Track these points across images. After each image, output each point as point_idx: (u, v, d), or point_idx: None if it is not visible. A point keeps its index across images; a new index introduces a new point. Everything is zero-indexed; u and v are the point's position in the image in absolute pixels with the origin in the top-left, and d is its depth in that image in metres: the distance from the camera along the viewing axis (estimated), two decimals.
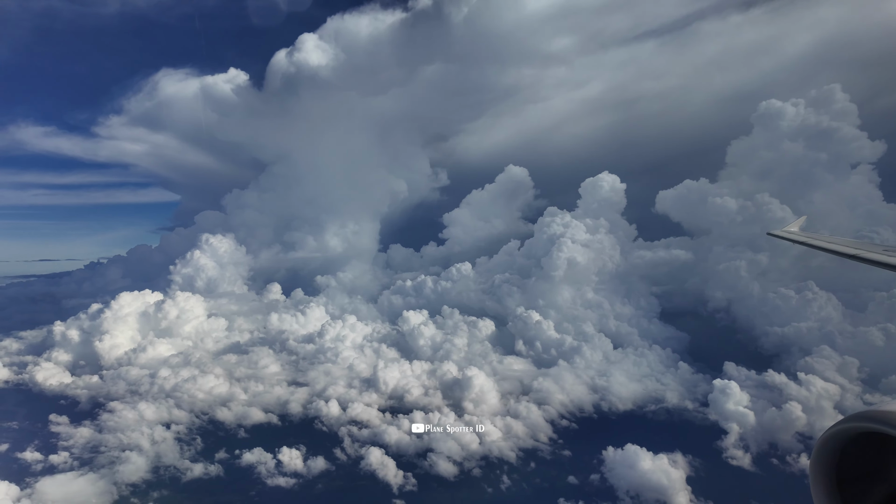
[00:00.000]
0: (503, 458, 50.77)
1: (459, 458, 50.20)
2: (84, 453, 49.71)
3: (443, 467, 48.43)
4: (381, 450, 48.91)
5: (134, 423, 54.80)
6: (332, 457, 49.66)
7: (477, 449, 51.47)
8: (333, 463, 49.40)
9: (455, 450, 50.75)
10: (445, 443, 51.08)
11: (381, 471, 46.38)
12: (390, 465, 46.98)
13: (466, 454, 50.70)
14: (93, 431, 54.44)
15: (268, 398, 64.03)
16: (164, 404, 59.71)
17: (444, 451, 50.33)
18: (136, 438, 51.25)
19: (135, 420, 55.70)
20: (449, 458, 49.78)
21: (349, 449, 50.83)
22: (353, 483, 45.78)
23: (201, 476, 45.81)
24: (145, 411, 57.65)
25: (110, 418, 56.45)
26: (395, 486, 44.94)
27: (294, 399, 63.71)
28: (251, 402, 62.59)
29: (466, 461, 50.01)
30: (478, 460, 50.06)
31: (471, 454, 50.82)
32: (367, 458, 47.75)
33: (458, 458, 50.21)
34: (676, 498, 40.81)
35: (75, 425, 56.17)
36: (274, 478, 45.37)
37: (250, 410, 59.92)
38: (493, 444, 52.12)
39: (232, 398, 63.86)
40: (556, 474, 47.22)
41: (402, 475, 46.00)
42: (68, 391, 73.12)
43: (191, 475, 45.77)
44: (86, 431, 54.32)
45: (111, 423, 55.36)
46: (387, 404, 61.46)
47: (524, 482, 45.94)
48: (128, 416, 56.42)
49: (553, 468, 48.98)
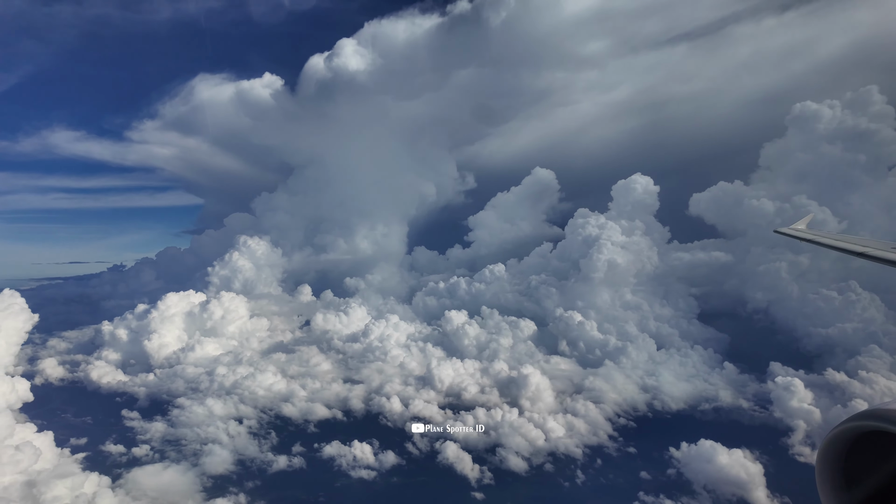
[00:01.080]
0: (569, 454, 51.65)
1: (527, 453, 51.17)
2: (164, 446, 51.30)
3: (513, 462, 49.45)
4: (457, 444, 49.99)
5: (205, 419, 56.33)
6: (404, 451, 50.82)
7: (543, 445, 52.40)
8: (404, 457, 50.56)
9: (523, 446, 51.74)
10: (513, 438, 52.09)
11: (458, 464, 47.53)
12: (466, 458, 48.12)
13: (534, 450, 51.65)
14: (166, 426, 56.08)
15: (327, 395, 65.38)
16: (229, 400, 61.20)
17: (512, 447, 51.33)
18: (213, 433, 52.78)
19: (205, 415, 57.24)
20: (517, 454, 50.78)
21: (419, 444, 51.98)
22: (430, 476, 46.91)
23: (285, 468, 47.29)
24: (213, 407, 59.19)
25: (181, 414, 58.04)
26: (472, 480, 46.04)
27: (353, 396, 65.00)
28: (311, 399, 63.95)
29: (534, 457, 50.97)
30: (545, 456, 50.98)
31: (538, 450, 51.76)
32: (444, 452, 48.90)
33: (525, 453, 51.20)
34: (755, 493, 41.50)
35: (147, 420, 57.83)
36: (356, 470, 46.65)
37: (314, 406, 61.29)
38: (559, 440, 53.02)
39: (292, 395, 65.21)
40: (628, 470, 48.03)
41: (479, 469, 47.04)
42: (126, 388, 75.04)
43: (276, 467, 47.25)
44: (160, 426, 55.98)
45: (182, 418, 56.93)
46: (445, 401, 62.56)
47: (600, 477, 46.82)
48: (198, 412, 57.96)
49: (621, 464, 49.78)
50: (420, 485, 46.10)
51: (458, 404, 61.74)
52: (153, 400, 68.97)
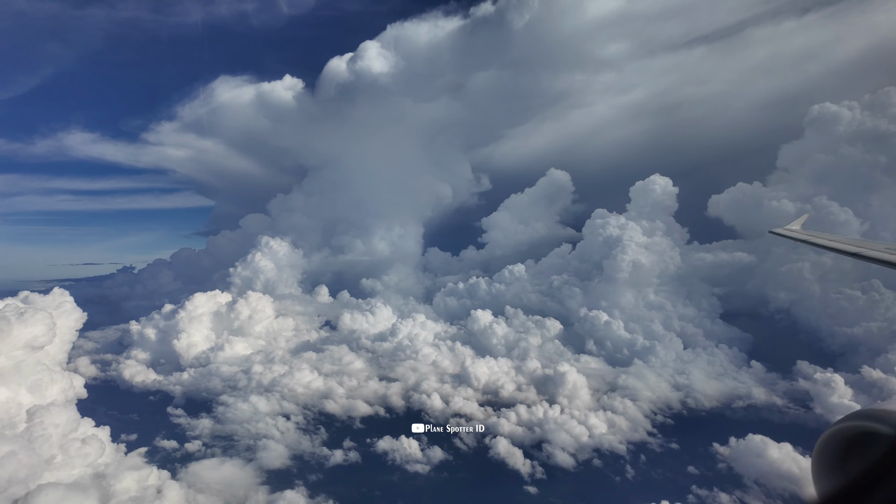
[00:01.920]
0: (614, 450, 52.44)
1: (573, 449, 51.98)
2: (215, 442, 52.08)
3: (560, 458, 50.24)
4: (508, 440, 50.84)
5: (252, 415, 57.14)
6: (451, 447, 51.63)
7: (587, 441, 53.20)
8: (450, 452, 51.34)
9: (568, 442, 52.55)
10: (558, 435, 52.90)
11: (509, 459, 48.33)
12: (518, 454, 48.93)
13: (579, 446, 52.45)
14: (213, 422, 56.85)
15: (365, 392, 66.19)
16: (272, 398, 62.00)
17: (558, 443, 52.14)
18: (263, 429, 53.61)
19: (251, 412, 58.05)
20: (563, 450, 51.59)
21: (466, 439, 52.79)
22: (482, 471, 47.72)
23: (342, 463, 48.08)
24: (258, 404, 59.98)
25: (226, 411, 58.83)
26: (524, 474, 46.83)
27: (391, 393, 65.82)
28: (351, 396, 64.75)
29: (579, 453, 51.76)
30: (590, 452, 51.78)
31: (582, 446, 52.56)
32: (495, 447, 49.72)
33: (571, 449, 52.01)
34: (808, 487, 42.21)
35: (193, 417, 58.59)
36: (411, 465, 47.46)
37: (355, 403, 62.10)
38: (603, 437, 53.82)
39: (330, 392, 66.03)
40: (674, 465, 48.84)
41: (530, 464, 47.85)
42: (160, 387, 75.90)
43: (333, 461, 48.04)
44: (207, 422, 56.76)
45: (229, 414, 57.72)
46: (483, 399, 63.36)
47: (650, 471, 47.63)
48: (243, 409, 58.75)
49: (667, 460, 50.58)
50: (473, 479, 46.89)
51: (497, 402, 62.58)
52: (189, 398, 69.79)
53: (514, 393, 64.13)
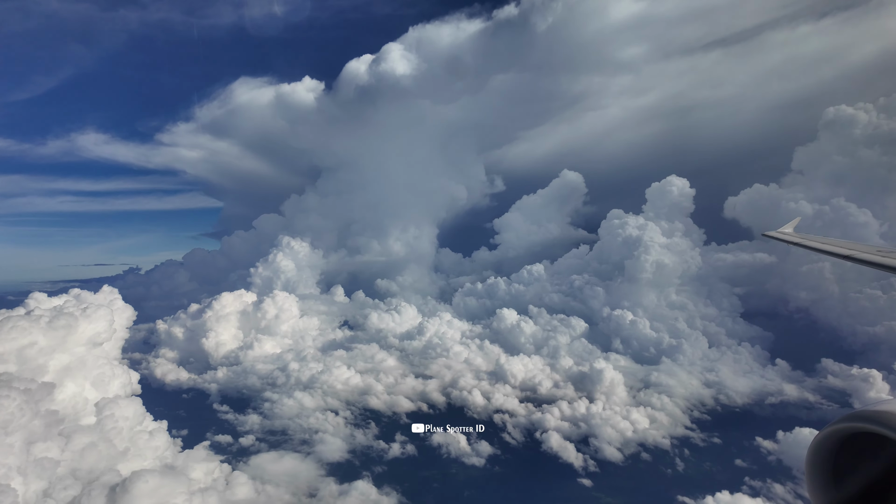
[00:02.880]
0: (658, 445, 53.58)
1: (618, 444, 53.10)
2: (267, 436, 52.90)
3: (608, 452, 51.32)
4: (559, 434, 51.91)
5: (300, 410, 57.98)
6: (500, 441, 52.66)
7: (632, 436, 54.33)
8: (497, 446, 52.35)
9: (614, 436, 53.66)
10: (603, 430, 54.01)
11: (562, 453, 49.40)
12: (570, 448, 50.00)
13: (624, 440, 53.57)
14: (261, 418, 57.66)
15: (404, 389, 67.09)
16: (315, 394, 62.83)
17: (604, 438, 53.24)
18: (314, 423, 54.47)
19: (297, 407, 58.88)
20: (609, 444, 52.69)
21: (514, 433, 53.85)
22: (536, 464, 48.73)
23: (399, 456, 49.00)
24: (303, 400, 60.82)
25: (272, 407, 59.65)
26: (577, 468, 47.91)
27: (429, 390, 66.74)
28: (391, 392, 65.65)
29: (625, 447, 52.88)
30: (636, 446, 52.91)
31: (627, 441, 53.68)
32: (547, 441, 50.79)
33: (616, 444, 53.12)
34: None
35: (240, 413, 59.36)
36: (468, 458, 48.46)
37: (397, 399, 63.02)
38: (646, 431, 54.98)
39: (370, 389, 66.92)
40: (722, 458, 50.03)
41: (582, 457, 48.93)
42: (195, 384, 76.56)
43: (392, 454, 48.97)
44: (255, 418, 57.57)
45: (276, 410, 58.55)
46: (522, 395, 64.36)
47: (701, 464, 48.79)
48: (289, 404, 59.59)
49: (712, 453, 51.76)
50: (528, 472, 47.92)
51: (536, 398, 63.62)
52: (226, 395, 70.52)
53: (553, 390, 65.16)
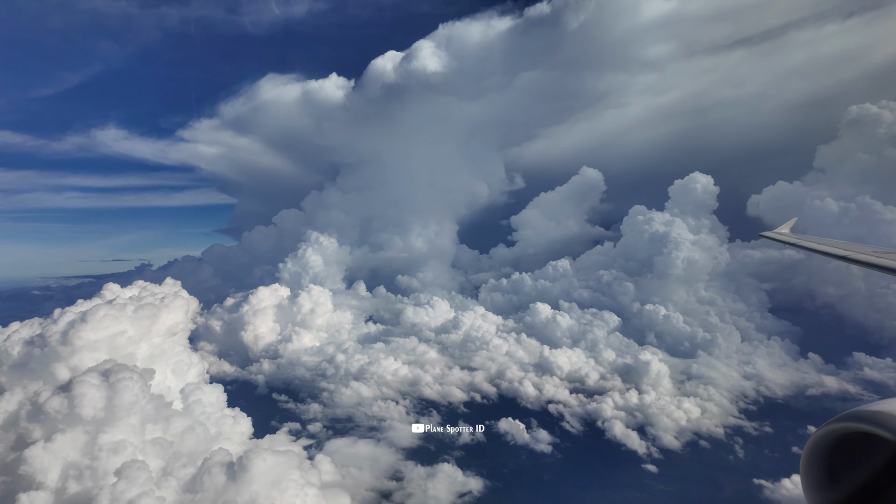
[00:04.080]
0: (711, 433, 55.18)
1: (674, 433, 54.68)
2: (334, 424, 54.32)
3: (667, 440, 52.90)
4: (621, 422, 53.51)
5: (360, 399, 59.41)
6: (561, 430, 54.21)
7: (686, 425, 55.93)
8: (559, 434, 53.91)
9: (669, 425, 55.26)
10: (660, 419, 55.61)
11: (626, 440, 50.98)
12: (633, 435, 51.59)
13: (679, 429, 55.16)
14: (322, 407, 59.08)
15: (452, 380, 68.52)
16: (369, 384, 64.25)
17: (660, 426, 54.84)
18: (378, 411, 55.94)
19: (356, 397, 60.31)
20: (665, 432, 54.29)
21: (572, 422, 55.41)
22: (601, 452, 50.34)
23: (469, 442, 50.48)
24: (360, 390, 62.24)
25: (331, 396, 61.08)
26: (641, 455, 49.50)
27: (477, 381, 68.20)
28: (441, 383, 67.09)
29: (680, 436, 54.47)
30: (691, 435, 54.50)
31: (682, 429, 55.28)
32: (611, 430, 52.38)
33: (672, 433, 54.70)
34: None
35: (299, 403, 60.78)
36: (535, 444, 50.00)
37: (449, 390, 64.46)
38: (700, 421, 56.59)
39: (418, 380, 68.35)
40: (779, 446, 51.61)
41: (645, 445, 50.54)
42: (240, 376, 77.97)
43: (462, 441, 50.44)
44: (317, 407, 59.00)
45: (336, 399, 59.98)
46: (571, 387, 65.86)
47: (759, 452, 50.42)
48: (347, 394, 61.02)
49: (768, 441, 53.34)
50: (595, 458, 49.49)
51: (585, 389, 65.11)
52: (273, 387, 71.96)
53: (601, 382, 66.70)
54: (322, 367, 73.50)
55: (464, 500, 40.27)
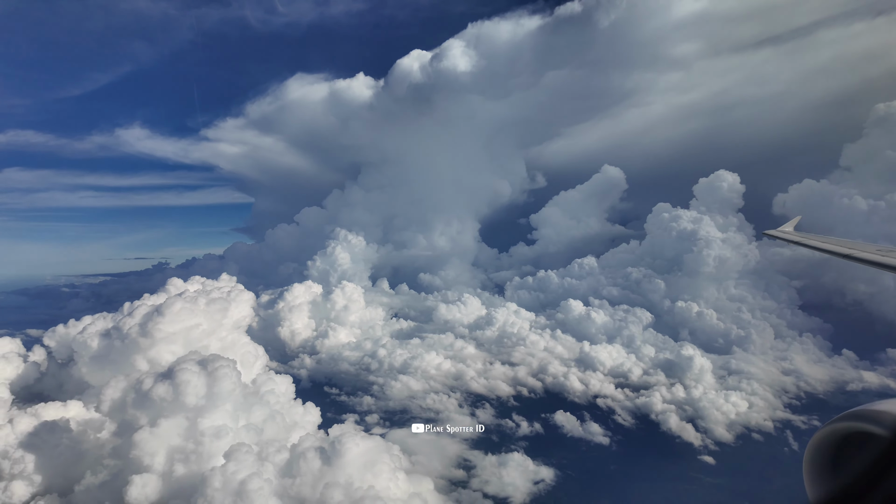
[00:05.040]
0: (761, 427, 55.99)
1: (724, 426, 55.54)
2: (389, 416, 55.61)
3: (718, 433, 53.80)
4: (676, 415, 54.47)
5: (409, 392, 60.66)
6: (614, 423, 55.24)
7: (735, 418, 56.78)
8: (612, 427, 54.91)
9: (719, 419, 56.13)
10: (711, 412, 56.50)
11: (682, 433, 51.96)
12: (689, 428, 52.54)
13: (728, 422, 56.02)
14: (375, 400, 60.38)
15: (496, 374, 69.63)
16: (417, 378, 65.45)
17: (710, 420, 55.72)
18: (432, 403, 57.14)
19: (406, 390, 61.56)
20: (717, 425, 55.17)
21: (623, 416, 56.41)
22: (654, 443, 51.32)
23: (528, 433, 51.66)
24: (409, 383, 63.48)
25: (381, 390, 62.37)
26: (697, 447, 50.45)
27: (521, 376, 69.25)
28: (485, 377, 68.21)
29: (730, 429, 55.32)
30: (741, 428, 55.35)
31: (732, 423, 56.13)
32: (667, 422, 53.38)
33: (721, 426, 55.57)
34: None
35: (351, 396, 62.10)
36: (593, 437, 51.08)
37: (496, 384, 65.57)
38: (748, 414, 57.41)
39: (461, 374, 69.50)
40: None
41: (700, 437, 51.47)
42: (284, 371, 79.11)
43: (521, 432, 51.61)
44: (369, 400, 60.31)
45: (387, 392, 61.26)
46: (616, 381, 66.77)
47: None
48: (397, 387, 62.29)
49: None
50: (652, 450, 50.48)
51: (630, 384, 66.00)
52: (315, 380, 73.44)
53: (644, 377, 67.58)
54: (365, 361, 74.81)
55: (538, 487, 41.48)
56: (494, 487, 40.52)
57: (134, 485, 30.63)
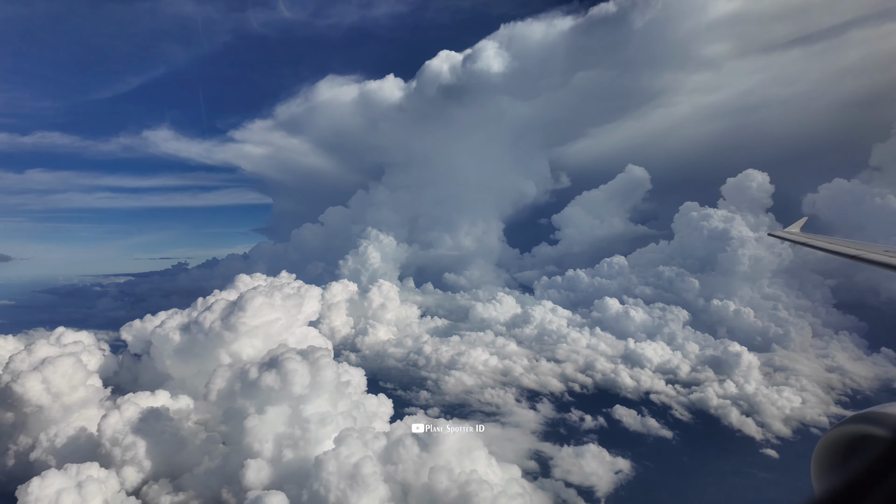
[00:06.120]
0: (816, 422, 56.67)
1: (780, 421, 56.31)
2: (451, 409, 56.90)
3: (776, 428, 54.57)
4: (737, 409, 55.38)
5: (464, 388, 61.88)
6: (672, 418, 56.18)
7: (790, 413, 57.51)
8: (670, 422, 55.81)
9: (775, 413, 56.90)
10: (767, 407, 57.29)
11: (743, 427, 52.85)
12: (749, 422, 53.40)
13: (784, 417, 56.77)
14: (431, 394, 61.66)
15: (544, 370, 70.66)
16: (469, 373, 66.65)
17: (766, 415, 56.51)
18: (489, 398, 58.36)
19: (460, 384, 62.79)
20: (773, 420, 55.95)
21: (680, 410, 57.33)
22: (715, 438, 52.24)
23: (593, 427, 52.71)
24: (461, 378, 64.71)
25: (435, 384, 63.64)
26: (758, 440, 51.32)
27: (568, 372, 70.25)
28: (535, 373, 69.29)
29: (786, 423, 56.08)
30: (797, 423, 56.08)
31: (787, 418, 56.88)
32: (727, 416, 54.28)
33: (777, 421, 56.33)
34: None
35: (407, 391, 63.44)
36: (655, 431, 52.06)
37: (546, 380, 66.63)
38: (803, 410, 58.14)
39: (509, 370, 70.58)
40: None
41: (762, 431, 52.31)
42: None
43: (585, 426, 52.71)
44: (425, 394, 61.60)
45: (442, 387, 62.51)
46: (665, 378, 67.61)
47: None
48: (451, 382, 63.53)
49: None
50: (714, 444, 51.39)
51: (679, 380, 66.82)
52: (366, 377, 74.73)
53: (693, 373, 68.40)
54: (411, 358, 76.09)
55: (618, 477, 42.55)
56: (576, 477, 41.60)
57: (250, 469, 32.00)
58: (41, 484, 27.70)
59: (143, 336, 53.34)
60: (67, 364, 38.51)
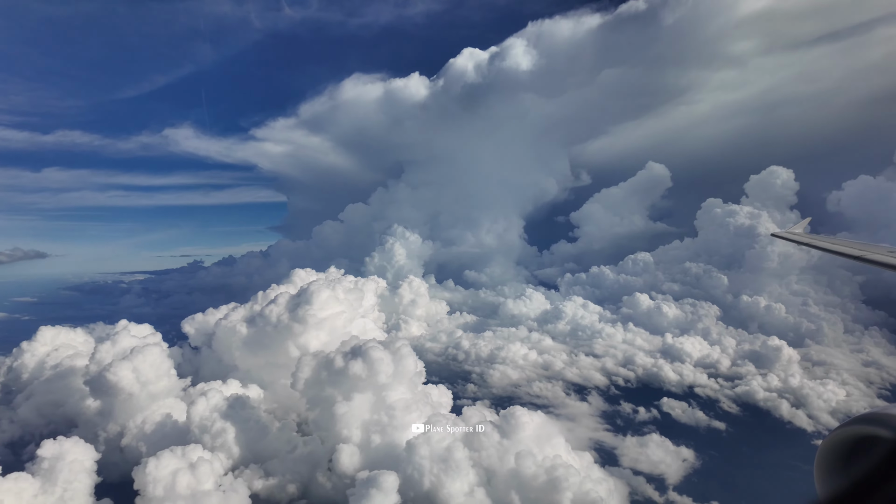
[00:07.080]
0: None
1: (827, 413, 57.06)
2: (500, 402, 57.86)
3: (825, 420, 55.32)
4: (786, 401, 56.19)
5: (509, 381, 62.99)
6: (721, 411, 57.03)
7: (836, 406, 58.25)
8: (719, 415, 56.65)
9: (821, 406, 57.65)
10: (813, 400, 58.05)
11: (793, 419, 53.69)
12: (801, 414, 54.21)
13: (831, 410, 57.51)
14: (478, 388, 62.78)
15: (584, 364, 71.59)
16: (513, 367, 67.70)
17: (812, 408, 57.29)
18: (537, 391, 59.47)
19: (505, 378, 63.87)
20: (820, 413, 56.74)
21: (728, 403, 58.19)
22: (766, 429, 53.07)
23: (647, 419, 53.65)
24: (506, 372, 65.77)
25: (481, 378, 64.76)
26: (809, 431, 52.14)
27: (608, 366, 71.12)
28: (574, 367, 70.24)
29: (834, 416, 56.79)
30: (843, 415, 56.78)
31: (834, 410, 57.61)
32: (778, 409, 55.13)
33: (824, 413, 57.10)
34: None
35: (453, 384, 64.49)
36: (707, 423, 52.98)
37: (588, 373, 67.59)
38: (849, 402, 58.85)
39: (549, 365, 71.50)
40: None
41: (812, 423, 53.11)
42: None
43: (640, 417, 53.68)
44: (472, 387, 62.73)
45: (487, 380, 63.68)
46: (707, 371, 68.38)
47: None
48: (496, 376, 64.60)
49: None
50: (767, 435, 52.24)
51: (721, 374, 67.58)
52: None
53: (734, 367, 69.16)
54: (449, 352, 77.20)
55: (685, 465, 43.52)
56: (644, 466, 42.59)
57: (343, 453, 33.16)
58: (157, 464, 28.91)
59: (205, 329, 54.58)
60: (154, 354, 39.78)
